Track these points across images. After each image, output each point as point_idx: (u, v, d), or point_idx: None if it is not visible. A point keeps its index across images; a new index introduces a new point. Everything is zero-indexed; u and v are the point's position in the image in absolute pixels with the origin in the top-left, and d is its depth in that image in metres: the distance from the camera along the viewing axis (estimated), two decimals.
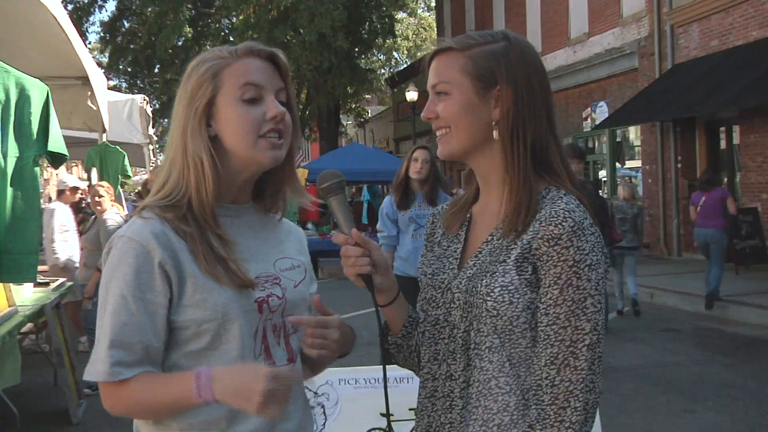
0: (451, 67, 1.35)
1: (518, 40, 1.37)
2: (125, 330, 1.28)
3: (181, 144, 1.36)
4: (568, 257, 1.24)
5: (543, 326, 1.26)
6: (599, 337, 1.26)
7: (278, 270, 1.44)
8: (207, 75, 1.36)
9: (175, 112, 1.40)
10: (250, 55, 1.38)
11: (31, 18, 4.51)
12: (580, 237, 1.25)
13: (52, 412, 5.31)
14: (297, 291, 1.45)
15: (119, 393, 1.29)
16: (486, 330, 1.30)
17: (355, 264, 1.36)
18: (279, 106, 1.37)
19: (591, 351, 1.24)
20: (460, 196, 1.51)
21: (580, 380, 1.24)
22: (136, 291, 1.28)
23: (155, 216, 1.34)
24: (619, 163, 15.16)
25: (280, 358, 1.40)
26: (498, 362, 1.30)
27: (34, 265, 3.60)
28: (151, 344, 1.30)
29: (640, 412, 5.02)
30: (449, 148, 1.38)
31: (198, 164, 1.34)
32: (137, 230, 1.32)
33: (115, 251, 1.32)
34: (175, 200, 1.35)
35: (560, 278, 1.24)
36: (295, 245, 1.54)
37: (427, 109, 1.39)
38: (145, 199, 1.47)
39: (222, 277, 1.31)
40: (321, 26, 19.00)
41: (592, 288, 1.25)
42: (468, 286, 1.33)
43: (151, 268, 1.29)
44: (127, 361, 1.28)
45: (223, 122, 1.36)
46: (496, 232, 1.35)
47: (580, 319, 1.24)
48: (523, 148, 1.32)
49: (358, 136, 34.47)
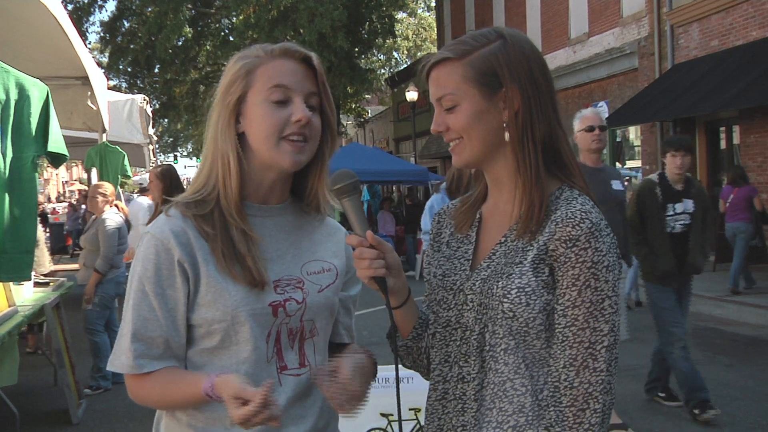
0: (453, 78, 1.32)
1: (513, 35, 1.35)
2: (147, 324, 1.33)
3: (213, 138, 1.39)
4: (587, 258, 1.23)
5: (561, 328, 1.26)
6: (616, 338, 1.26)
7: (305, 273, 1.43)
8: (241, 72, 1.38)
9: (212, 106, 1.42)
10: (285, 56, 1.39)
11: (31, 18, 4.51)
12: (597, 238, 1.24)
13: (52, 412, 5.31)
14: (321, 296, 1.44)
15: (143, 384, 1.34)
16: (501, 332, 1.30)
17: (371, 266, 1.32)
18: (305, 110, 1.37)
19: (609, 352, 1.25)
20: (468, 195, 1.49)
21: (599, 382, 1.24)
22: (156, 287, 1.33)
23: (179, 214, 1.37)
24: (619, 163, 15.16)
25: (291, 361, 1.40)
26: (513, 364, 1.29)
27: (30, 265, 3.61)
28: (172, 338, 1.34)
29: (640, 412, 5.01)
30: (464, 157, 1.36)
31: (225, 159, 1.37)
32: (159, 227, 1.36)
33: (141, 247, 1.37)
34: (204, 195, 1.38)
35: (578, 279, 1.24)
36: (332, 247, 1.52)
37: (435, 123, 1.36)
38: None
39: (237, 274, 1.33)
40: (321, 26, 19.00)
41: (609, 289, 1.24)
42: (483, 288, 1.32)
43: (171, 265, 1.33)
44: (150, 354, 1.33)
45: (250, 121, 1.38)
46: (509, 234, 1.34)
47: (598, 320, 1.24)
48: (533, 146, 1.31)
49: (358, 136, 34.47)
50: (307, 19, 19.17)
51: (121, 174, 7.37)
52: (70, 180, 58.99)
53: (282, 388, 1.37)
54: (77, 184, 41.67)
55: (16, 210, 3.45)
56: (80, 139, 8.92)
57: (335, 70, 21.22)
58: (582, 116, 4.47)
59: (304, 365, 1.42)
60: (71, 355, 5.41)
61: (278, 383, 1.37)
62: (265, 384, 1.19)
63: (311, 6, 19.04)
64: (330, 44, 19.71)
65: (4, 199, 3.40)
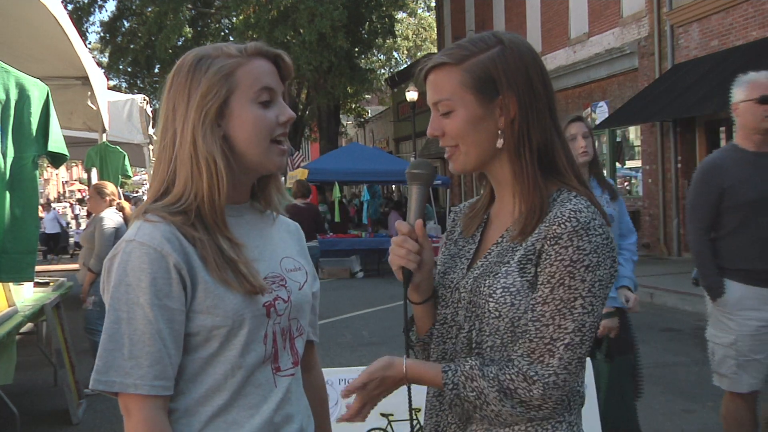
0: (450, 83, 1.32)
1: (512, 40, 1.34)
2: (143, 339, 1.22)
3: (190, 145, 1.30)
4: (566, 257, 1.23)
5: (526, 321, 1.26)
6: (583, 338, 1.24)
7: (284, 270, 1.42)
8: (220, 75, 1.32)
9: (176, 110, 1.33)
10: (260, 55, 1.36)
11: (31, 18, 4.51)
12: (582, 237, 1.23)
13: (52, 412, 5.30)
14: (301, 293, 1.44)
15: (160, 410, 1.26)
16: (488, 330, 1.30)
17: (406, 257, 1.34)
18: (290, 110, 1.37)
19: (569, 351, 1.24)
20: (477, 199, 1.50)
21: (550, 376, 1.24)
22: (154, 298, 1.23)
23: (163, 220, 1.29)
24: (619, 163, 15.16)
25: (285, 362, 1.39)
26: (500, 361, 1.30)
27: (31, 265, 3.60)
28: (170, 354, 1.25)
29: (640, 412, 5.00)
30: (460, 164, 1.37)
31: (211, 165, 1.30)
32: (149, 234, 1.26)
33: (124, 256, 1.25)
34: (185, 206, 1.30)
35: (553, 277, 1.24)
36: (295, 245, 1.52)
37: (431, 127, 1.37)
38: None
39: (232, 282, 1.29)
40: (321, 26, 19.01)
41: (585, 289, 1.23)
42: (473, 286, 1.33)
43: (168, 274, 1.24)
44: (161, 375, 1.24)
45: (237, 124, 1.33)
46: (506, 234, 1.35)
47: (565, 318, 1.24)
48: (529, 154, 1.31)
49: (358, 136, 34.48)
50: (307, 19, 19.18)
51: (121, 174, 7.38)
52: (70, 180, 58.97)
53: (276, 390, 1.36)
54: (77, 183, 41.64)
55: (17, 210, 3.45)
56: (80, 139, 8.92)
57: (335, 70, 21.24)
58: (750, 81, 3.21)
59: (297, 364, 1.42)
60: (71, 355, 5.41)
61: (273, 385, 1.36)
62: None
63: (311, 6, 19.05)
64: (330, 44, 19.72)
65: (5, 199, 3.40)
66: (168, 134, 1.34)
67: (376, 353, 1.38)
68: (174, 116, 1.33)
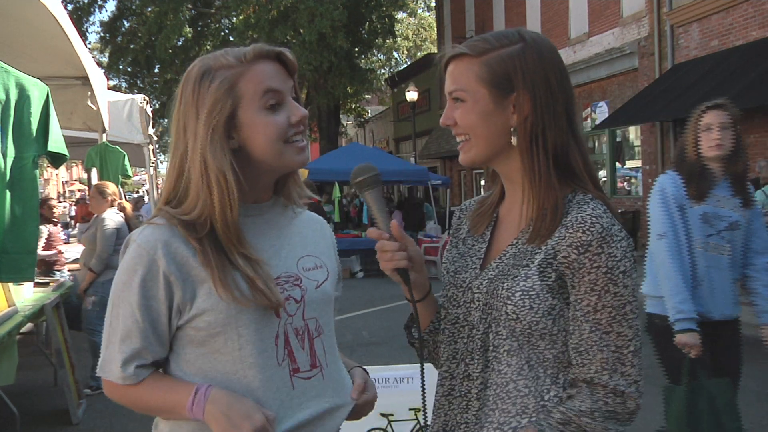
0: (467, 75, 1.33)
1: (535, 39, 1.33)
2: (131, 335, 1.31)
3: (200, 164, 1.30)
4: (601, 264, 1.23)
5: (586, 333, 1.25)
6: (639, 343, 1.26)
7: (300, 269, 1.42)
8: (222, 89, 1.31)
9: (187, 126, 1.34)
10: (260, 58, 1.34)
11: (31, 18, 4.51)
12: (610, 243, 1.23)
13: (52, 412, 5.30)
14: (319, 291, 1.43)
15: (126, 392, 1.34)
16: (505, 333, 1.30)
17: (393, 258, 1.34)
18: (301, 109, 1.37)
19: (636, 357, 1.25)
20: (485, 195, 1.49)
21: (631, 384, 1.25)
22: (141, 299, 1.30)
23: (166, 222, 1.33)
24: (619, 163, 15.16)
25: (303, 363, 1.38)
26: (517, 365, 1.29)
27: (32, 265, 3.60)
28: (155, 350, 1.33)
29: (640, 412, 5.00)
30: (470, 156, 1.36)
31: (222, 182, 1.29)
32: (146, 237, 1.32)
33: (126, 256, 1.34)
34: (195, 217, 1.32)
35: (596, 284, 1.23)
36: (320, 242, 1.52)
37: (445, 116, 1.37)
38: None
39: (240, 300, 1.29)
40: (321, 26, 19.00)
41: (629, 295, 1.24)
42: (489, 288, 1.32)
43: (156, 277, 1.30)
44: (137, 364, 1.32)
45: (249, 133, 1.33)
46: (521, 236, 1.34)
47: (621, 324, 1.24)
48: (543, 154, 1.30)
49: (358, 136, 34.47)
50: (307, 19, 19.17)
51: (121, 174, 7.37)
52: (70, 180, 58.96)
53: (294, 392, 1.35)
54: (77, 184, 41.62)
55: (17, 210, 3.45)
56: (80, 139, 8.91)
57: (335, 70, 21.23)
58: None
59: (316, 366, 1.40)
60: (71, 355, 5.41)
61: (291, 387, 1.35)
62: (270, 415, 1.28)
63: (311, 6, 19.04)
64: (330, 44, 19.72)
65: (5, 199, 3.40)
66: (179, 151, 1.35)
67: (376, 353, 1.37)
68: (185, 133, 1.34)
